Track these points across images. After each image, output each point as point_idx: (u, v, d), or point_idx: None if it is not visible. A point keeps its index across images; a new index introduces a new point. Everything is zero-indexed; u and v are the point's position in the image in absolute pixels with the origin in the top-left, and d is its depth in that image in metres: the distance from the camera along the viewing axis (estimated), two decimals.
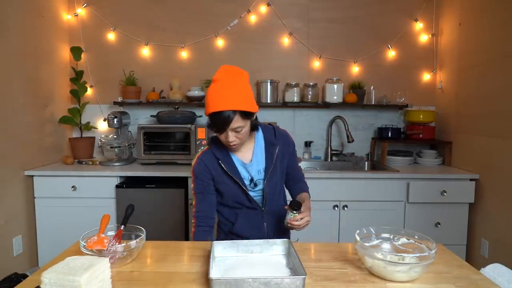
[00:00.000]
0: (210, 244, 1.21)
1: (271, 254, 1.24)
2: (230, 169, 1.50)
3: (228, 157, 1.52)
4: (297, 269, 1.06)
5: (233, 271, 1.10)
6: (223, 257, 1.22)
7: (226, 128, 1.37)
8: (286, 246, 1.24)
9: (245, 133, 1.43)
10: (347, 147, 3.17)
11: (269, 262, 1.18)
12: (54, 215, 2.59)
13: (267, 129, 1.59)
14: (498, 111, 2.33)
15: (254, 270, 1.10)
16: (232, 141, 1.41)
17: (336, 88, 2.97)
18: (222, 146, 1.52)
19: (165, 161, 2.80)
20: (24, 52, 2.52)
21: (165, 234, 2.49)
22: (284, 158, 1.59)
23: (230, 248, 1.24)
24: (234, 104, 1.35)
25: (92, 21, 3.09)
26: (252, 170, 1.53)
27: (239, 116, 1.36)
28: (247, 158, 1.54)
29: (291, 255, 1.17)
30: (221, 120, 1.36)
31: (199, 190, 1.54)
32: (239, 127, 1.38)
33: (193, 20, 3.10)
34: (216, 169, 1.51)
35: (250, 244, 1.24)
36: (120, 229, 1.28)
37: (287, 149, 1.59)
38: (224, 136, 1.42)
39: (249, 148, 1.55)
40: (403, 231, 1.24)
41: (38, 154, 2.68)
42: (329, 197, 2.57)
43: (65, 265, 0.94)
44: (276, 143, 1.55)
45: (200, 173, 1.52)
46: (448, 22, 2.94)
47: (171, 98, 3.01)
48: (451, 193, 2.53)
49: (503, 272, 1.20)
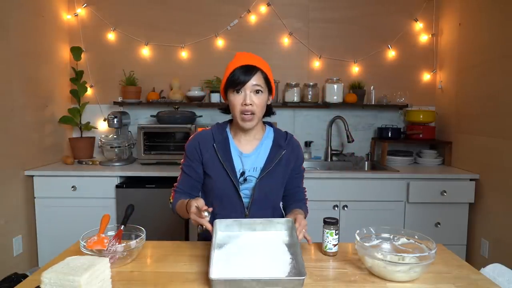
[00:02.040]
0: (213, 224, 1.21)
1: (274, 231, 1.26)
2: (223, 155, 1.41)
3: (226, 142, 1.44)
4: (299, 268, 1.06)
5: (235, 258, 1.10)
6: (225, 236, 1.23)
7: (247, 81, 1.33)
8: (289, 225, 1.26)
9: (262, 104, 1.37)
10: (347, 147, 3.17)
11: (271, 243, 1.19)
12: (54, 215, 2.59)
13: (279, 132, 1.51)
14: (498, 111, 2.33)
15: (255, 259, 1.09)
16: (249, 103, 1.33)
17: (336, 88, 2.97)
18: (224, 130, 1.47)
19: (165, 161, 2.80)
20: (24, 52, 2.52)
21: (165, 234, 2.49)
22: (288, 168, 1.47)
23: (233, 225, 1.27)
24: (260, 63, 1.37)
25: (92, 21, 3.09)
26: (247, 163, 1.43)
27: (261, 75, 1.36)
28: (247, 150, 1.45)
29: (293, 236, 1.20)
30: (243, 72, 1.33)
31: (186, 169, 1.47)
32: (259, 86, 1.34)
33: (193, 20, 3.10)
34: (209, 151, 1.42)
35: (253, 222, 1.27)
36: (120, 229, 1.28)
37: (294, 160, 1.48)
38: (241, 98, 1.34)
39: (254, 140, 1.46)
40: (403, 231, 1.24)
41: (38, 154, 2.68)
42: (329, 197, 2.57)
43: (65, 265, 0.93)
44: (284, 147, 1.46)
45: (191, 152, 1.45)
46: (448, 22, 2.94)
47: (171, 98, 3.01)
48: (451, 193, 2.53)
49: (503, 272, 1.20)
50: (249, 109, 1.34)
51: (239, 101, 1.35)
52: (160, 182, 2.56)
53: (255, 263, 1.08)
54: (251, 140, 1.46)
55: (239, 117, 1.37)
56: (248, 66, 1.35)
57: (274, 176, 1.43)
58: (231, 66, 1.38)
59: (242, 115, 1.36)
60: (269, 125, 1.54)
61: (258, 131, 1.47)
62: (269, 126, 1.53)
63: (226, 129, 1.49)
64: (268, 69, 1.40)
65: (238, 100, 1.35)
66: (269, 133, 1.50)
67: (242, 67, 1.35)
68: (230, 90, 1.37)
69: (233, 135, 1.48)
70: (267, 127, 1.52)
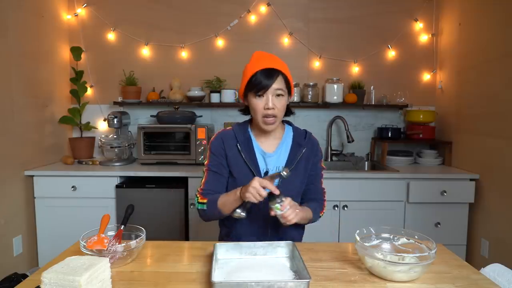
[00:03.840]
0: (213, 246, 1.20)
1: (275, 256, 1.22)
2: (247, 155, 1.41)
3: (249, 142, 1.44)
4: (301, 272, 1.05)
5: (236, 274, 1.09)
6: (225, 259, 1.20)
7: (270, 85, 1.32)
8: (290, 249, 1.22)
9: (283, 107, 1.37)
10: (347, 147, 3.17)
11: (272, 264, 1.17)
12: (54, 215, 2.59)
13: (298, 131, 1.53)
14: (498, 111, 2.33)
15: (258, 273, 1.09)
16: (271, 108, 1.33)
17: (336, 88, 2.97)
18: (246, 130, 1.47)
19: (165, 161, 2.80)
20: (24, 52, 2.52)
21: (165, 234, 2.49)
22: (308, 165, 1.47)
23: (233, 250, 1.22)
24: (280, 65, 1.36)
25: (92, 21, 3.09)
26: (270, 162, 1.44)
27: (282, 78, 1.35)
28: (269, 149, 1.46)
29: (295, 258, 1.16)
30: (265, 76, 1.32)
31: (214, 167, 1.44)
32: (281, 90, 1.34)
33: (193, 20, 3.10)
34: (233, 150, 1.43)
35: (253, 246, 1.23)
36: (120, 229, 1.28)
37: (313, 157, 1.49)
38: (263, 102, 1.34)
39: (275, 140, 1.47)
40: (403, 231, 1.24)
41: (38, 154, 2.68)
42: (329, 197, 2.50)
43: (65, 265, 0.93)
44: (304, 145, 1.47)
45: (216, 149, 1.44)
46: (448, 22, 2.94)
47: (171, 98, 3.01)
48: (451, 193, 2.53)
49: (503, 272, 1.20)
50: (271, 113, 1.35)
51: (261, 105, 1.35)
52: (160, 182, 2.56)
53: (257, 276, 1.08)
54: (272, 140, 1.48)
55: (261, 120, 1.38)
56: (270, 70, 1.33)
57: (296, 175, 1.44)
58: (251, 68, 1.36)
59: (264, 119, 1.37)
60: (287, 123, 1.55)
61: (278, 131, 1.49)
62: (288, 125, 1.54)
63: (247, 129, 1.49)
64: (287, 71, 1.39)
65: (260, 104, 1.35)
66: (288, 132, 1.51)
67: (264, 70, 1.33)
68: (251, 93, 1.36)
69: (254, 135, 1.48)
70: (286, 126, 1.54)
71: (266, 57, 1.38)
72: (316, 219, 1.51)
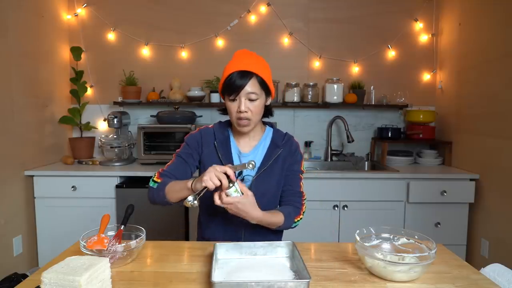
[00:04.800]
0: (213, 246, 1.20)
1: (275, 256, 1.22)
2: (224, 153, 1.41)
3: (227, 141, 1.45)
4: (301, 272, 1.05)
5: (236, 274, 1.09)
6: (225, 259, 1.20)
7: (241, 89, 1.30)
8: (290, 249, 1.22)
9: (257, 110, 1.35)
10: (347, 147, 3.17)
11: (272, 264, 1.17)
12: (54, 215, 2.59)
13: (279, 133, 1.50)
14: (498, 111, 2.33)
15: (258, 273, 1.09)
16: (244, 111, 1.32)
17: (336, 88, 2.97)
18: (225, 129, 1.47)
19: (165, 161, 2.75)
20: (24, 52, 2.52)
21: (165, 234, 2.49)
22: (285, 165, 1.45)
23: (233, 250, 1.22)
24: (253, 67, 1.32)
25: (92, 21, 3.09)
26: (245, 161, 1.38)
27: (256, 81, 1.32)
28: (246, 149, 1.46)
29: (295, 258, 1.16)
30: (237, 79, 1.30)
31: (183, 155, 1.43)
32: (254, 93, 1.32)
33: (193, 20, 3.10)
34: (210, 147, 1.43)
35: (253, 246, 1.23)
36: (120, 229, 1.28)
37: (290, 158, 1.45)
38: (236, 105, 1.33)
39: (253, 141, 1.47)
40: (403, 231, 1.24)
41: (38, 154, 2.68)
42: (329, 197, 2.57)
43: (65, 265, 0.93)
44: (281, 146, 1.45)
45: (192, 141, 1.45)
46: (448, 22, 2.94)
47: (171, 98, 3.01)
48: (451, 193, 2.53)
49: (503, 272, 1.20)
50: (243, 116, 1.34)
51: (234, 108, 1.35)
52: None
53: (257, 276, 1.08)
54: (250, 141, 1.47)
55: (236, 122, 1.38)
56: (243, 73, 1.32)
57: (271, 176, 1.42)
58: (227, 69, 1.36)
59: (238, 121, 1.36)
60: (269, 125, 1.54)
61: (257, 132, 1.48)
62: (269, 127, 1.53)
63: (227, 128, 1.49)
64: (264, 71, 1.35)
65: (234, 107, 1.35)
66: (268, 133, 1.50)
67: (238, 73, 1.32)
68: (226, 95, 1.36)
69: (233, 134, 1.49)
70: (267, 128, 1.52)
71: (243, 58, 1.36)
72: (289, 225, 1.41)
